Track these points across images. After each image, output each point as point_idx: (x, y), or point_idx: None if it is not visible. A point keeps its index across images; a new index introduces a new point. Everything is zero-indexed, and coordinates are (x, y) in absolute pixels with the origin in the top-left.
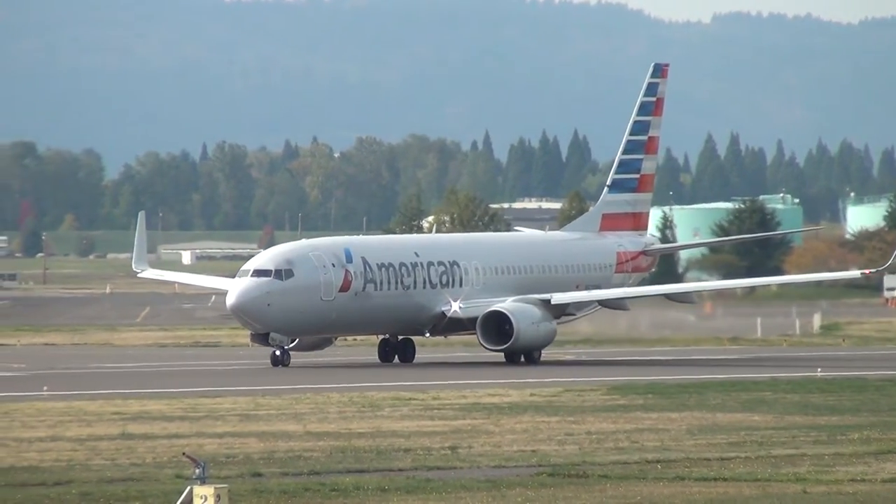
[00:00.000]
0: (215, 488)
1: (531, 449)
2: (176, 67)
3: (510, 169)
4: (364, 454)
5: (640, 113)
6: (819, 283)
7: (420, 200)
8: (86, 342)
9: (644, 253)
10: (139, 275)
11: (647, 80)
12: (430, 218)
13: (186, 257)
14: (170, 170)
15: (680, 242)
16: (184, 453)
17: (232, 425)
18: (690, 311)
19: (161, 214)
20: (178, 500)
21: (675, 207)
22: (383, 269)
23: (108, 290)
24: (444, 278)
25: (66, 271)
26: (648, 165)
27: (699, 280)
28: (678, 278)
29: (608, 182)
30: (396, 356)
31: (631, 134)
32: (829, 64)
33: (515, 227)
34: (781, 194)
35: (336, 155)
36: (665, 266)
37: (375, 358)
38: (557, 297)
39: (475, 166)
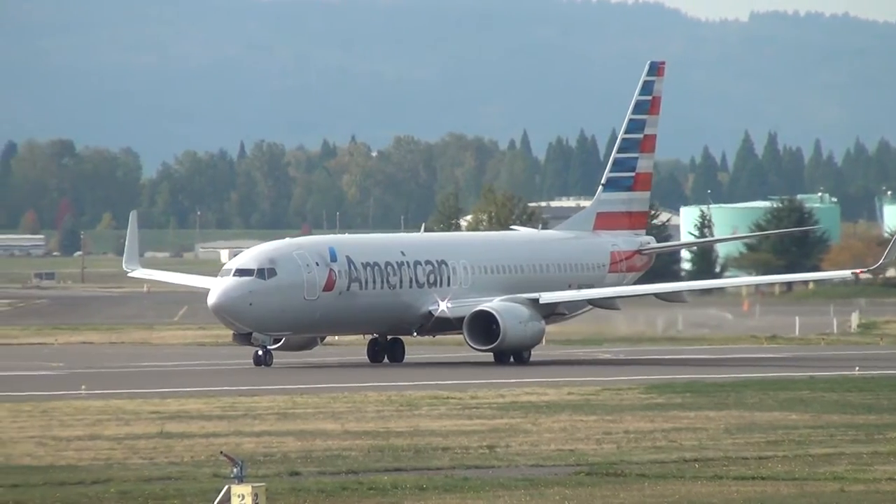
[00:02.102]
0: (253, 487)
1: (569, 448)
2: (214, 66)
3: (548, 168)
4: (402, 453)
5: (635, 111)
6: (856, 282)
7: (458, 199)
8: (123, 341)
9: (639, 252)
10: (129, 274)
11: (643, 77)
12: (469, 217)
13: (224, 255)
14: (207, 168)
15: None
16: (222, 452)
17: (270, 424)
18: (728, 309)
19: (199, 213)
20: (216, 498)
21: (713, 206)
22: (368, 268)
23: (145, 289)
24: (432, 277)
25: (104, 270)
26: (645, 164)
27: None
28: (716, 276)
29: (602, 180)
30: (386, 356)
31: (626, 132)
32: (866, 63)
33: (512, 227)
34: (819, 193)
35: (374, 154)
36: (703, 264)
37: (365, 358)
38: (546, 297)
39: (513, 165)
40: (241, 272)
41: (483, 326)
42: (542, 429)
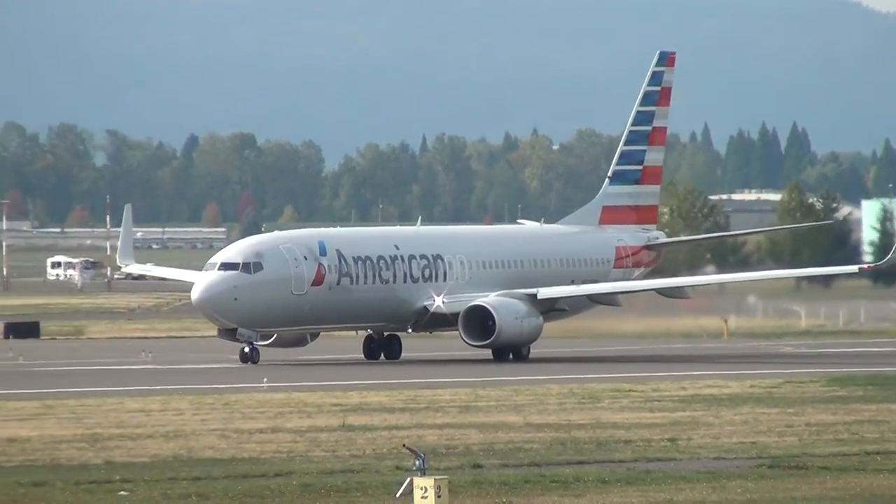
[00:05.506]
0: (435, 480)
1: (751, 440)
2: (395, 59)
3: (729, 160)
4: (584, 446)
5: (643, 103)
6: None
7: None
8: None
9: (647, 247)
10: (123, 269)
11: (652, 68)
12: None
13: None
14: (389, 161)
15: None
16: (404, 445)
17: (452, 417)
18: None
19: (381, 206)
20: (398, 491)
21: None
22: (360, 263)
23: None
24: (427, 272)
25: None
26: (654, 157)
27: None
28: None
29: (609, 173)
30: (382, 353)
31: (633, 124)
32: None
33: (518, 221)
34: None
35: (555, 147)
36: (881, 256)
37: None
38: (544, 292)
39: (694, 158)
40: (225, 266)
41: (479, 322)
42: (724, 421)
